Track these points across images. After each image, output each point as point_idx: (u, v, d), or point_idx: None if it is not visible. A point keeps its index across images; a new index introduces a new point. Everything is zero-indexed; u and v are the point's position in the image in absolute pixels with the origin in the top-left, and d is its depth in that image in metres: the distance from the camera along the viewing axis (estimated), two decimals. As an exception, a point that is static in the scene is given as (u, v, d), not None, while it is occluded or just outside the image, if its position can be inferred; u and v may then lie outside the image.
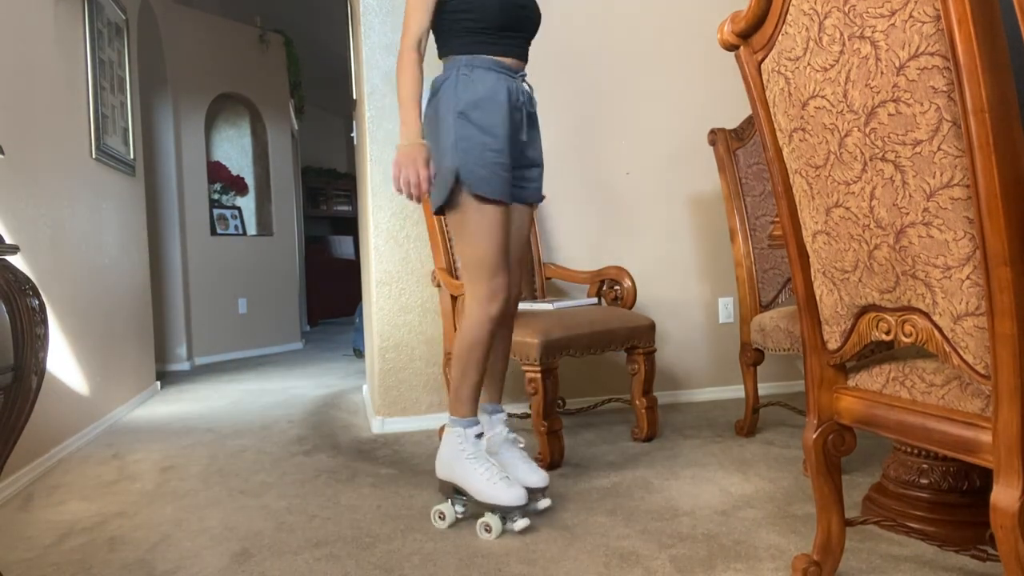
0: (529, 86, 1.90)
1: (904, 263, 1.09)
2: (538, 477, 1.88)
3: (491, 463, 1.82)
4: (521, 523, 1.76)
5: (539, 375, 2.24)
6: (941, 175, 0.99)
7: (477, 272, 1.80)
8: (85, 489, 2.26)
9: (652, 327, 2.58)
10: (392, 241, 2.90)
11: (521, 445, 1.96)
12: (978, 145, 0.92)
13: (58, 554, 1.74)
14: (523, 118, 1.87)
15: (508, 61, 1.83)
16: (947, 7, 0.91)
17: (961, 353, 1.03)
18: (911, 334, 1.12)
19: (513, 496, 1.75)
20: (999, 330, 0.95)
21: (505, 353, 2.08)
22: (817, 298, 1.32)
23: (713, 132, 2.72)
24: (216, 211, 5.50)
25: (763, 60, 1.26)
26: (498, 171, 1.78)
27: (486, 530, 1.74)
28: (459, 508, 1.84)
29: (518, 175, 1.89)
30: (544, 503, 1.88)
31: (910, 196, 1.04)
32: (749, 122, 2.69)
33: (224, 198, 5.66)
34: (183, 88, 5.07)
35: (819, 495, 1.35)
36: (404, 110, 1.77)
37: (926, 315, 1.09)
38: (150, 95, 4.76)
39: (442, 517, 1.82)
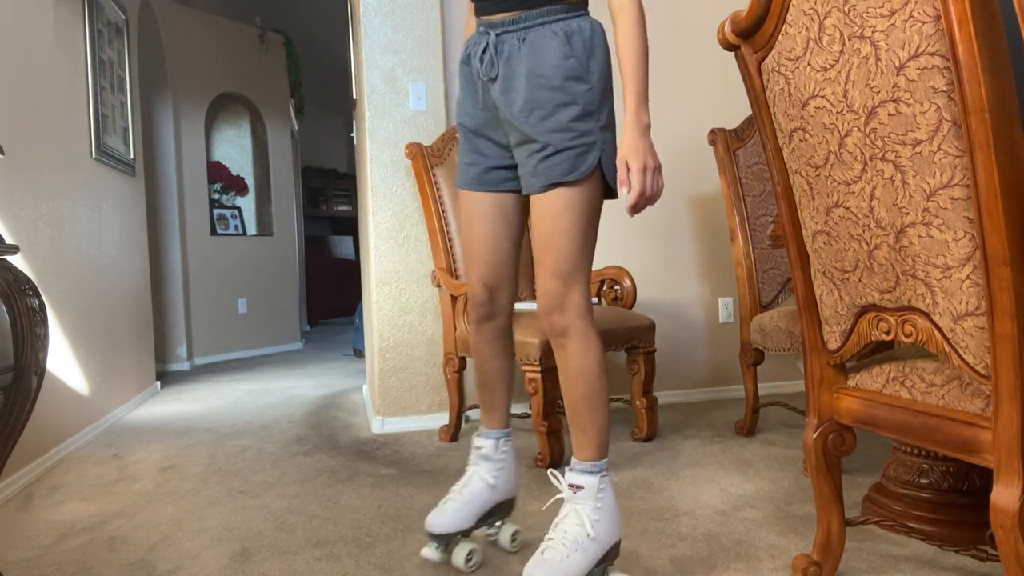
0: (515, 38, 1.43)
1: (904, 263, 1.09)
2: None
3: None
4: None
5: (539, 375, 2.24)
6: (941, 175, 0.99)
7: None
8: (85, 489, 2.26)
9: (652, 327, 2.58)
10: (392, 241, 2.90)
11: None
12: (978, 145, 0.92)
13: (58, 554, 1.74)
14: (479, 83, 1.48)
15: (488, 18, 1.46)
16: (947, 7, 0.91)
17: (961, 353, 1.03)
18: (911, 334, 1.12)
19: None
20: (999, 330, 0.95)
21: (499, 371, 1.67)
22: (817, 298, 1.32)
23: (713, 132, 2.72)
24: (216, 211, 5.50)
25: (763, 60, 1.26)
26: (460, 157, 1.58)
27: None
28: None
29: (509, 158, 1.51)
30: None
31: (910, 196, 1.04)
32: (749, 122, 2.70)
33: (224, 198, 5.66)
34: (183, 88, 5.07)
35: (819, 495, 1.35)
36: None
37: (926, 315, 1.09)
38: (150, 95, 4.77)
39: None
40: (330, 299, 7.78)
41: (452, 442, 2.67)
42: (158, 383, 4.12)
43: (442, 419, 2.84)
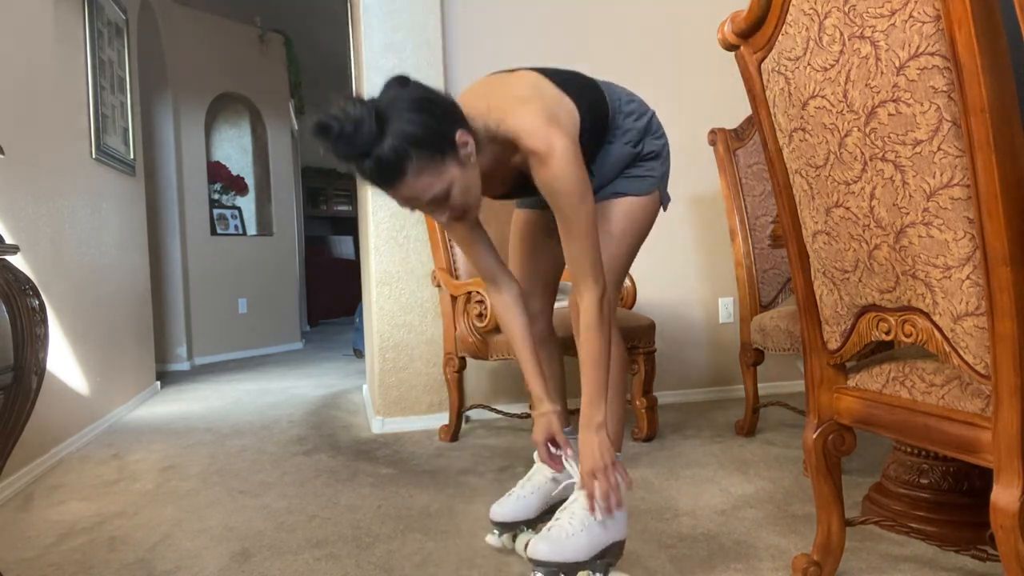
0: None
1: (904, 263, 1.09)
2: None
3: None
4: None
5: (539, 375, 2.24)
6: (941, 175, 0.99)
7: None
8: (85, 489, 2.26)
9: (652, 327, 2.58)
10: (392, 241, 2.90)
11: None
12: (978, 145, 0.92)
13: (58, 554, 1.74)
14: None
15: None
16: (947, 7, 0.91)
17: (961, 353, 1.03)
18: (911, 334, 1.12)
19: None
20: (999, 330, 0.95)
21: (550, 374, 1.72)
22: (817, 298, 1.32)
23: (713, 132, 2.72)
24: (216, 211, 5.50)
25: (763, 60, 1.26)
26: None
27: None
28: None
29: None
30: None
31: (910, 196, 1.04)
32: (749, 122, 2.69)
33: (224, 198, 5.66)
34: (183, 88, 5.06)
35: (819, 495, 1.35)
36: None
37: (926, 315, 1.09)
38: (150, 95, 4.77)
39: None
40: (330, 299, 7.78)
41: (452, 442, 2.67)
42: (158, 383, 4.12)
43: (442, 419, 2.84)
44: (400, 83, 1.29)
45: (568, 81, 1.47)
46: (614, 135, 1.55)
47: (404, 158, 1.21)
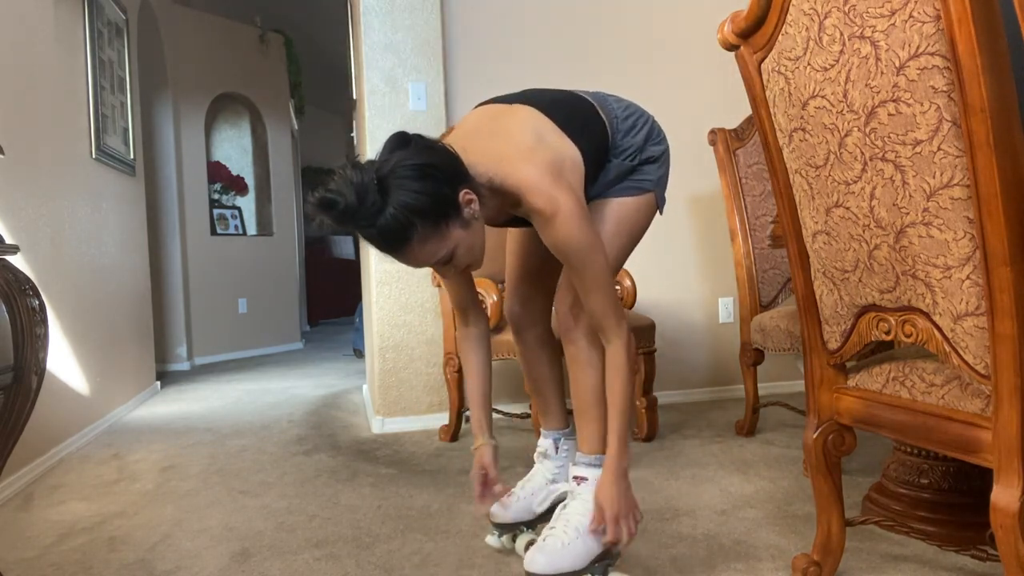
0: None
1: (904, 263, 1.09)
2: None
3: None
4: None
5: (539, 375, 2.24)
6: (941, 175, 0.99)
7: None
8: (85, 489, 2.26)
9: (652, 327, 2.58)
10: (392, 241, 2.90)
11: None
12: (978, 145, 0.92)
13: (58, 554, 1.74)
14: None
15: None
16: (947, 7, 0.91)
17: (961, 353, 1.03)
18: (911, 334, 1.12)
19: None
20: (999, 330, 0.95)
21: (548, 377, 1.73)
22: (817, 298, 1.32)
23: (713, 132, 2.72)
24: (216, 211, 5.50)
25: (763, 60, 1.26)
26: None
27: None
28: None
29: None
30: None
31: (910, 196, 1.04)
32: (749, 122, 2.70)
33: (224, 198, 5.66)
34: (183, 88, 5.06)
35: (819, 495, 1.35)
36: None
37: (926, 315, 1.09)
38: (150, 95, 4.77)
39: None
40: (330, 299, 7.78)
41: (452, 442, 2.67)
42: (158, 383, 4.12)
43: (442, 419, 2.84)
44: (401, 143, 1.25)
45: (568, 119, 1.42)
46: (613, 154, 1.53)
47: (408, 228, 1.20)
